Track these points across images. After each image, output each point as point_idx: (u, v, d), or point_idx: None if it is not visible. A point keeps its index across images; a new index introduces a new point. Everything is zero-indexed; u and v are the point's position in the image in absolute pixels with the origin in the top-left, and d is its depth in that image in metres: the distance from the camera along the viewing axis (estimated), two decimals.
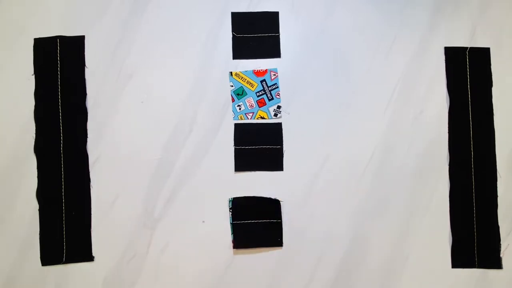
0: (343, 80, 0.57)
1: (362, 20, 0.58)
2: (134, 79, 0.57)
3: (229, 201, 0.55)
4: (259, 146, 0.56)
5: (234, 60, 0.57)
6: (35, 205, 0.55)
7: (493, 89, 0.58)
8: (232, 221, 0.54)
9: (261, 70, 0.57)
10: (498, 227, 0.56)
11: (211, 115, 0.56)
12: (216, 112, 0.57)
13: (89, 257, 0.54)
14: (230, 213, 0.54)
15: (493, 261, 0.55)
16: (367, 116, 0.57)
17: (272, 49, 0.57)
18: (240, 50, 0.57)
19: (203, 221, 0.55)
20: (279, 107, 0.56)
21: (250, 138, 0.56)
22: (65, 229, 0.54)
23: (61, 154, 0.55)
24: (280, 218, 0.55)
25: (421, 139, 0.57)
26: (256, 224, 0.55)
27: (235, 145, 0.56)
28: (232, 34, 0.57)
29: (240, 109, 0.56)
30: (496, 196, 0.56)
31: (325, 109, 0.57)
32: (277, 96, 0.57)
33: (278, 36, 0.58)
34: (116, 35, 0.57)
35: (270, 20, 0.58)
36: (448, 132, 0.57)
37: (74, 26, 0.57)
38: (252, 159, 0.56)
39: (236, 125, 0.56)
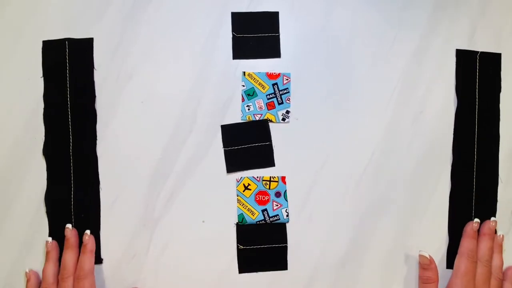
0: (343, 80, 0.57)
1: (362, 20, 0.58)
2: (134, 79, 0.56)
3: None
4: (248, 145, 0.56)
5: (234, 60, 0.57)
6: (36, 205, 0.55)
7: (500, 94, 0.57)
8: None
9: (274, 73, 0.57)
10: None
11: (211, 115, 0.56)
12: (216, 112, 0.57)
13: (98, 260, 0.54)
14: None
15: None
16: (367, 116, 0.57)
17: (272, 49, 0.57)
18: (240, 50, 0.57)
19: (203, 221, 0.55)
20: (288, 112, 0.56)
21: (238, 138, 0.56)
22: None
23: (70, 156, 0.55)
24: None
25: (421, 139, 0.57)
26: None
27: (223, 146, 0.56)
28: (232, 34, 0.57)
29: (249, 109, 0.56)
30: (496, 201, 0.56)
31: (324, 109, 0.57)
32: (287, 101, 0.56)
33: (278, 36, 0.57)
34: (116, 35, 0.57)
35: (270, 20, 0.58)
36: (454, 134, 0.57)
37: (75, 26, 0.56)
38: (243, 158, 0.56)
39: (222, 127, 0.56)
